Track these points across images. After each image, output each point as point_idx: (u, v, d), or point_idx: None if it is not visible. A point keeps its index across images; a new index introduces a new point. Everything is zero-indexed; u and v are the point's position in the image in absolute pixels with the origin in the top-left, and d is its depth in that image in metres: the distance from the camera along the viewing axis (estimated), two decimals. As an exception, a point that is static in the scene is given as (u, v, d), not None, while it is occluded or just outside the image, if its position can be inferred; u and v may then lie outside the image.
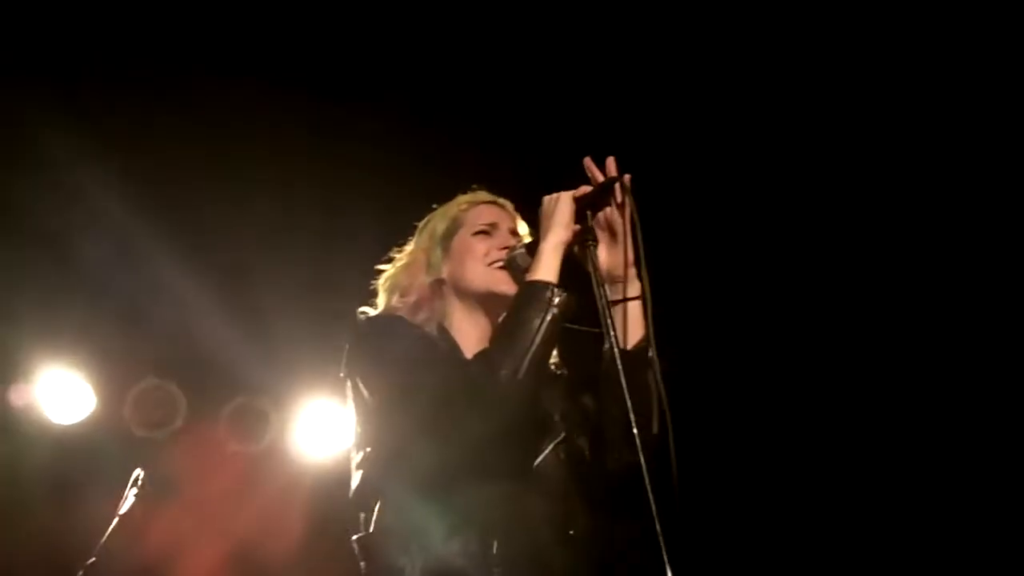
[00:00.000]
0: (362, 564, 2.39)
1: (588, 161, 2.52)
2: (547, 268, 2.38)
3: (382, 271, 2.72)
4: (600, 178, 2.48)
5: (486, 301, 2.58)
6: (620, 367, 2.20)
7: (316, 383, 5.59)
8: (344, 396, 2.54)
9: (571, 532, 2.39)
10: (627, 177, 2.43)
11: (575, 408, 2.58)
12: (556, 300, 2.33)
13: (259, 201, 5.11)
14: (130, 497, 4.33)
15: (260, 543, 5.50)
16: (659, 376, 2.30)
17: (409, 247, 2.74)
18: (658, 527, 1.99)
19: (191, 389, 5.70)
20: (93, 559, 4.15)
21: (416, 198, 2.80)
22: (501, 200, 2.77)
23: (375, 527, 2.35)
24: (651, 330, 2.33)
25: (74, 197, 4.89)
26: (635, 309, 2.51)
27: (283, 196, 5.12)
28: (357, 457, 2.48)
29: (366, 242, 2.79)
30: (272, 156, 4.98)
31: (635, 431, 2.13)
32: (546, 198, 2.48)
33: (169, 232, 5.09)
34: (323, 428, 5.69)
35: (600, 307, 2.33)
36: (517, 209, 2.76)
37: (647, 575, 2.00)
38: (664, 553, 1.98)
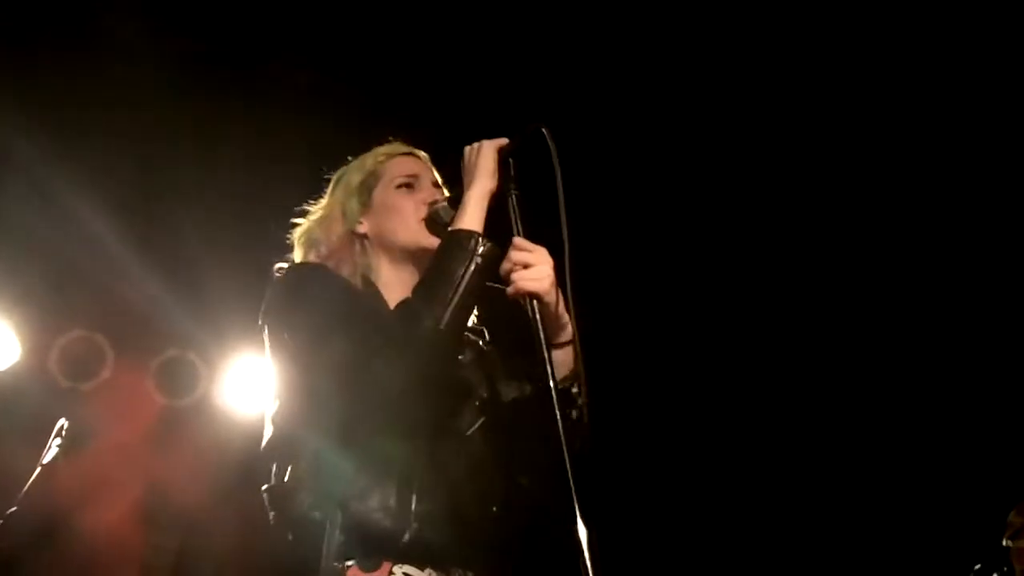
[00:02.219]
0: (271, 515, 2.31)
1: None
2: (471, 218, 2.34)
3: (298, 225, 2.66)
4: None
5: (414, 256, 2.53)
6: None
7: (246, 337, 5.55)
8: (263, 345, 2.46)
9: (493, 508, 2.34)
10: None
11: (508, 393, 2.50)
12: (480, 249, 2.28)
13: (187, 152, 5.05)
14: (53, 447, 4.29)
15: (183, 496, 5.48)
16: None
17: (324, 200, 2.68)
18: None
19: (119, 341, 5.65)
20: (15, 508, 4.11)
21: (344, 149, 2.76)
22: (418, 151, 2.72)
23: (289, 478, 2.27)
24: (570, 287, 2.26)
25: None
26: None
27: (211, 147, 5.05)
28: (271, 408, 2.40)
29: (294, 194, 2.76)
30: (198, 108, 4.90)
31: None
32: (468, 148, 2.44)
33: (97, 184, 5.02)
34: (253, 383, 5.67)
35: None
36: (435, 163, 2.72)
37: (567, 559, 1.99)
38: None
